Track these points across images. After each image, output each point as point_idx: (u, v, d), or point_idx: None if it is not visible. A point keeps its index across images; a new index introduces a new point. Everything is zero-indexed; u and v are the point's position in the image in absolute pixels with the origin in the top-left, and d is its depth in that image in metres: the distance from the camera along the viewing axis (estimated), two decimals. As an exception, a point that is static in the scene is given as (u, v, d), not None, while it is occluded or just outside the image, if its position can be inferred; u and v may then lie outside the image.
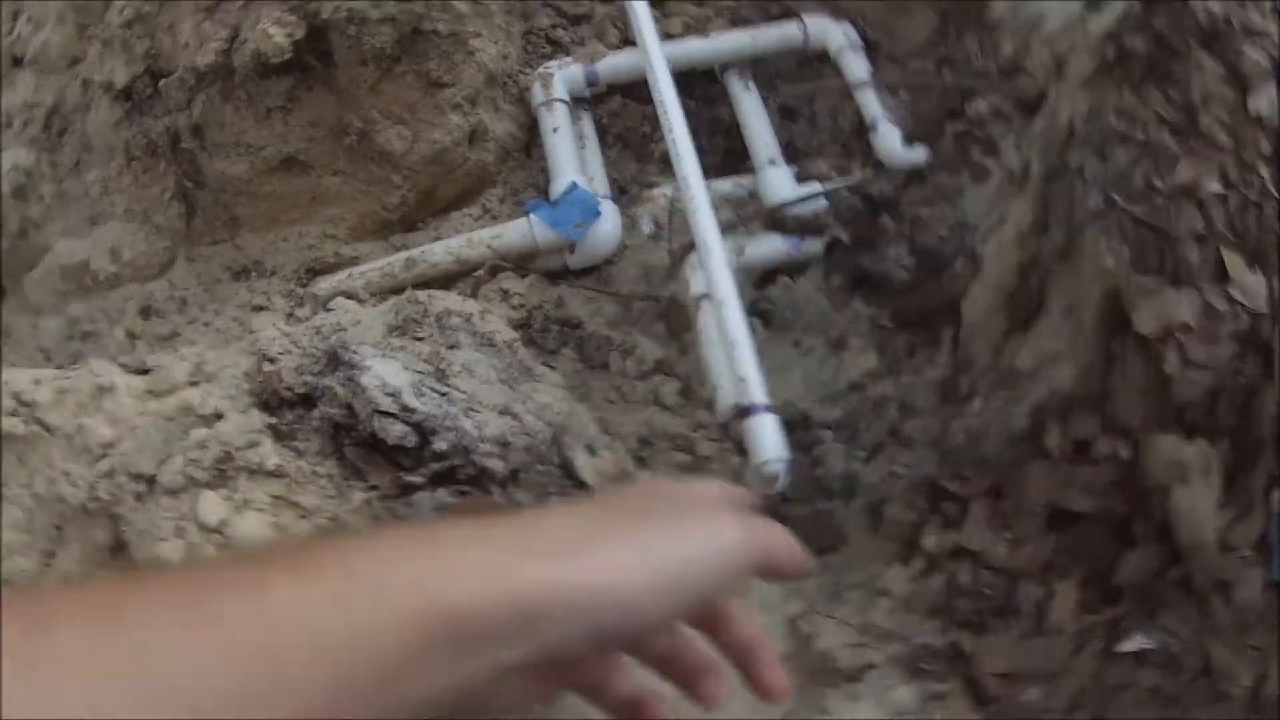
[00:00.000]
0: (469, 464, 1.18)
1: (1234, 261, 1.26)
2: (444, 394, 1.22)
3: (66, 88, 1.94)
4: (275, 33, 1.61)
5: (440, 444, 1.17)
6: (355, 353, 1.20)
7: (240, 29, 1.66)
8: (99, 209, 1.93)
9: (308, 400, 1.19)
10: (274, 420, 1.17)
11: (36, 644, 0.39)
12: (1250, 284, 1.24)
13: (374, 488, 1.16)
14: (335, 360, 1.20)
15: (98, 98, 1.88)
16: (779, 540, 0.66)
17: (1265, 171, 1.35)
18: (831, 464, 1.67)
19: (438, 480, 1.17)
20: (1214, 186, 1.31)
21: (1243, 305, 1.23)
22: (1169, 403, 1.22)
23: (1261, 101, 1.39)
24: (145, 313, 1.90)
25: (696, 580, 0.61)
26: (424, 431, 1.18)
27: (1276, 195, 1.32)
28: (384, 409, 1.15)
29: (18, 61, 1.99)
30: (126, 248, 1.90)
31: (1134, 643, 1.21)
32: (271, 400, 1.19)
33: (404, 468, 1.17)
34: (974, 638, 1.31)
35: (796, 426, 1.70)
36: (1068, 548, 1.29)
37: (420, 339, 1.31)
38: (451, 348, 1.30)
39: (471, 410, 1.22)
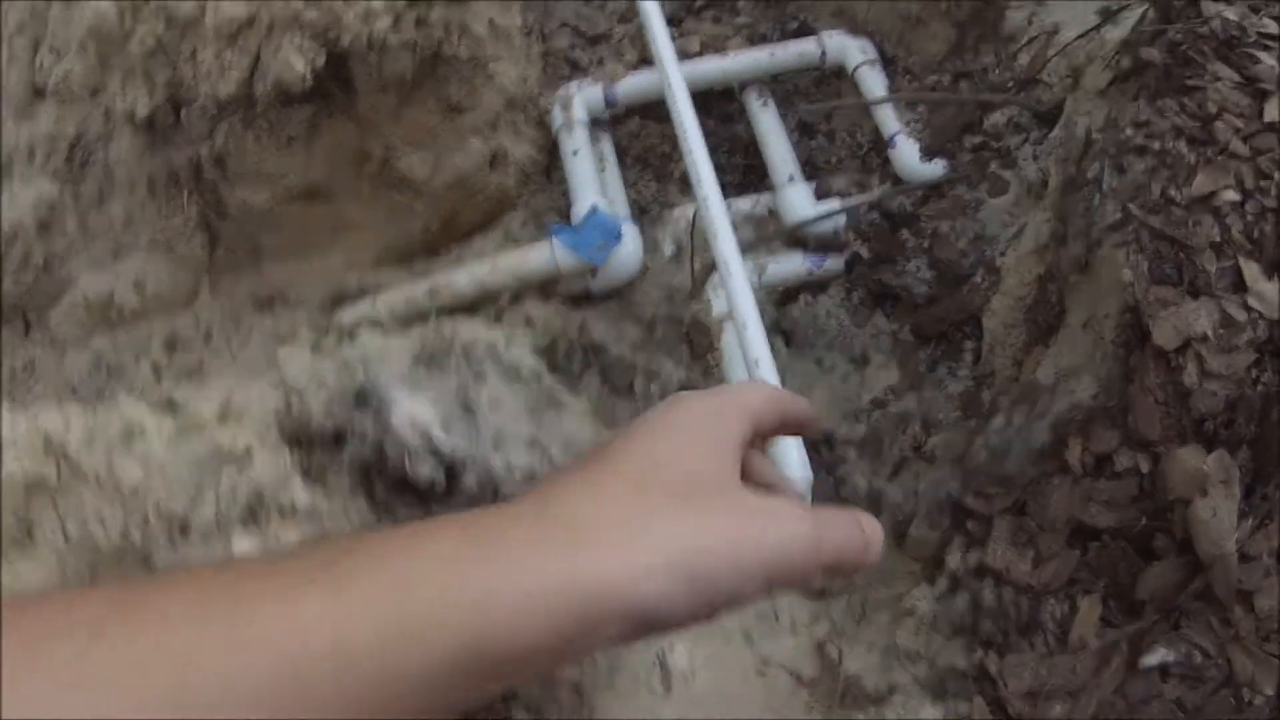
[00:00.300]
0: (498, 499, 1.20)
1: (1251, 270, 1.27)
2: (472, 429, 1.24)
3: (88, 118, 1.95)
4: (296, 61, 1.62)
5: (469, 480, 1.19)
6: (383, 390, 1.22)
7: (261, 57, 1.67)
8: (122, 241, 1.95)
9: (337, 438, 1.20)
10: (304, 458, 1.18)
11: (42, 641, 0.39)
12: (1267, 292, 1.24)
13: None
14: (364, 398, 1.21)
15: (120, 128, 1.89)
16: (852, 543, 0.59)
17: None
18: (856, 482, 1.68)
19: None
20: (1231, 196, 1.32)
21: (1260, 314, 1.24)
22: (1188, 414, 1.23)
23: (1277, 109, 1.39)
24: (171, 345, 1.92)
25: (748, 584, 0.54)
26: (453, 468, 1.20)
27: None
28: (413, 447, 1.17)
29: (39, 92, 2.00)
30: (150, 280, 1.92)
31: (1156, 656, 1.21)
32: (301, 438, 1.20)
33: (434, 505, 1.19)
34: (998, 657, 1.32)
35: (821, 445, 1.72)
36: (1090, 563, 1.29)
37: (446, 372, 1.33)
38: (478, 380, 1.32)
39: (499, 444, 1.23)
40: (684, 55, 2.03)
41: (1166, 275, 1.29)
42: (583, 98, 1.99)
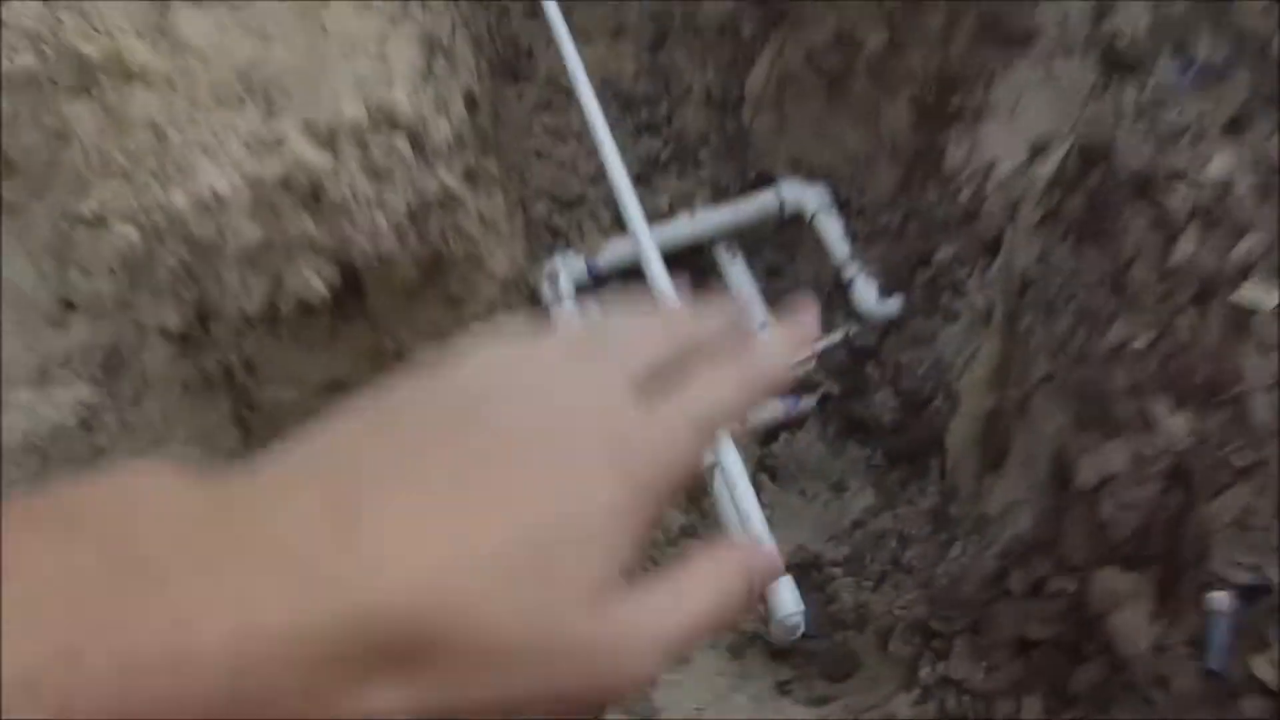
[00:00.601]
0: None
1: (1160, 408, 1.46)
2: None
3: (121, 330, 2.14)
4: (314, 280, 1.82)
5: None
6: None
7: (282, 277, 1.88)
8: (161, 435, 2.13)
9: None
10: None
11: None
12: (1174, 427, 1.44)
13: None
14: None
15: (152, 338, 2.08)
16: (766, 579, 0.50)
17: (1191, 315, 1.55)
18: (843, 598, 1.87)
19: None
20: (1143, 341, 1.52)
21: (1168, 446, 1.44)
22: (1106, 542, 1.43)
23: (1186, 246, 1.59)
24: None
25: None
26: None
27: (1199, 336, 1.52)
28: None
29: (71, 305, 2.19)
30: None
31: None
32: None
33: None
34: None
35: (810, 567, 1.91)
36: (1032, 669, 1.49)
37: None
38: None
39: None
40: (655, 214, 2.23)
41: (1088, 422, 1.49)
42: (567, 271, 2.19)
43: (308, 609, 0.36)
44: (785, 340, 0.55)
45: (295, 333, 1.94)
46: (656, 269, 1.98)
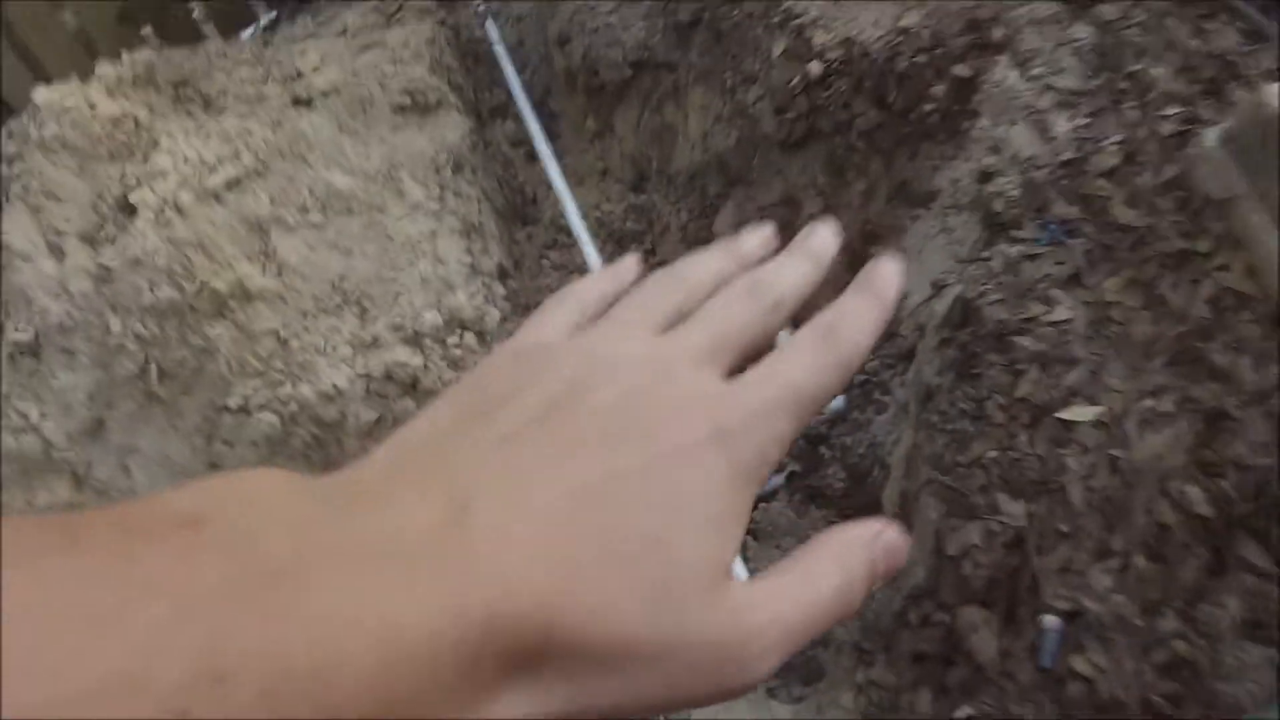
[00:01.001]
0: None
1: (1004, 499, 2.18)
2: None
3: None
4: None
5: None
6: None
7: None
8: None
9: None
10: None
11: None
12: (1014, 510, 2.16)
13: None
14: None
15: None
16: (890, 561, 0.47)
17: (1028, 432, 2.27)
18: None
19: None
20: (993, 453, 2.24)
21: (1009, 524, 2.16)
22: (968, 590, 2.15)
23: (1027, 385, 2.31)
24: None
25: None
26: None
27: (1033, 446, 2.24)
28: None
29: (216, 467, 2.77)
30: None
31: (964, 711, 2.13)
32: None
33: None
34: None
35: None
36: (923, 673, 2.21)
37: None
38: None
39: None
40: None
41: (955, 511, 2.21)
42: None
43: (442, 612, 0.34)
44: (867, 309, 0.52)
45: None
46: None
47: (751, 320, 0.50)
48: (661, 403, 0.44)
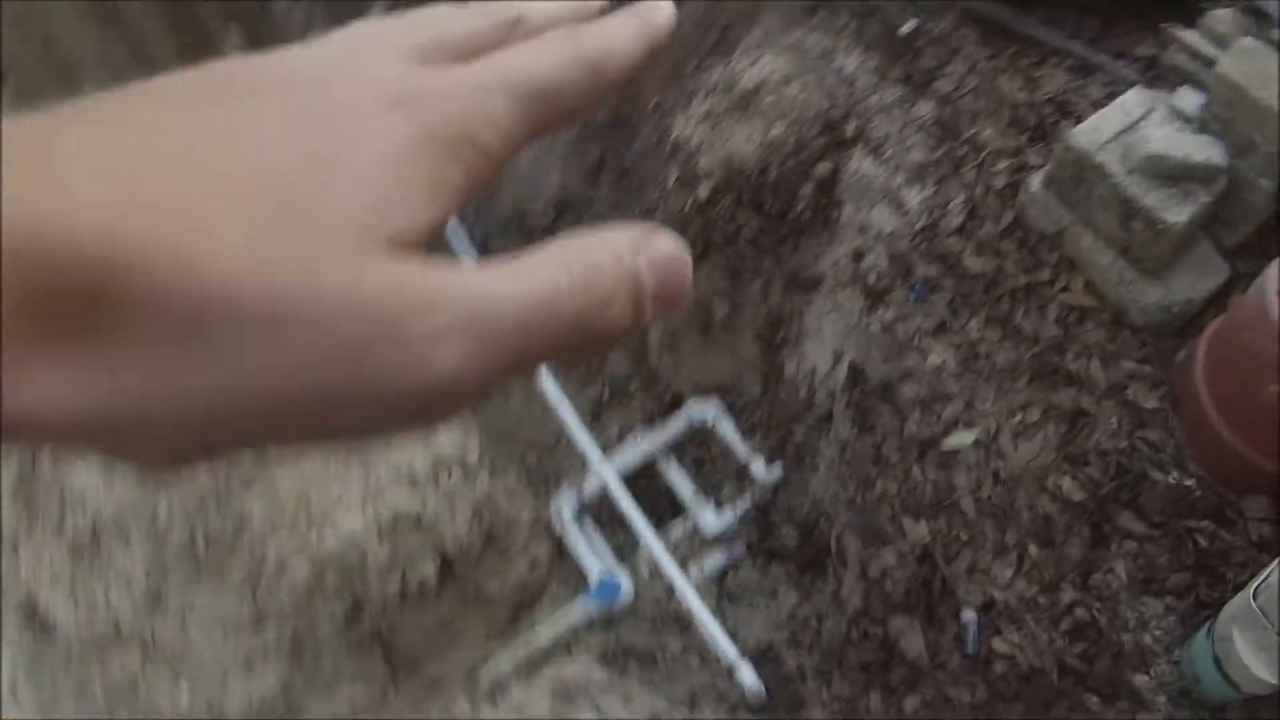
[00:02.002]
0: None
1: (909, 523, 2.61)
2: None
3: (299, 621, 3.24)
4: (428, 568, 2.98)
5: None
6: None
7: (406, 570, 3.02)
8: (332, 679, 3.24)
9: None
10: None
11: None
12: (919, 531, 2.59)
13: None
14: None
15: (323, 620, 3.21)
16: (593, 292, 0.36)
17: (919, 464, 2.70)
18: (788, 663, 2.99)
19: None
20: (893, 487, 2.67)
21: (917, 542, 2.59)
22: (892, 602, 2.58)
23: (913, 426, 2.75)
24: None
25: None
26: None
27: (925, 475, 2.68)
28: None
29: (262, 615, 3.27)
30: (354, 696, 3.25)
31: (911, 702, 2.54)
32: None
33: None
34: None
35: (766, 649, 3.04)
36: (871, 679, 2.64)
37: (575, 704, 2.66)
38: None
39: None
40: (609, 441, 3.39)
41: (870, 540, 2.64)
42: (567, 506, 3.31)
43: None
44: (630, 23, 0.44)
45: (418, 602, 3.07)
46: (621, 497, 3.14)
47: (565, 79, 0.40)
48: (341, 68, 0.37)
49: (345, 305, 0.31)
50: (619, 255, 0.37)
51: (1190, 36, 2.85)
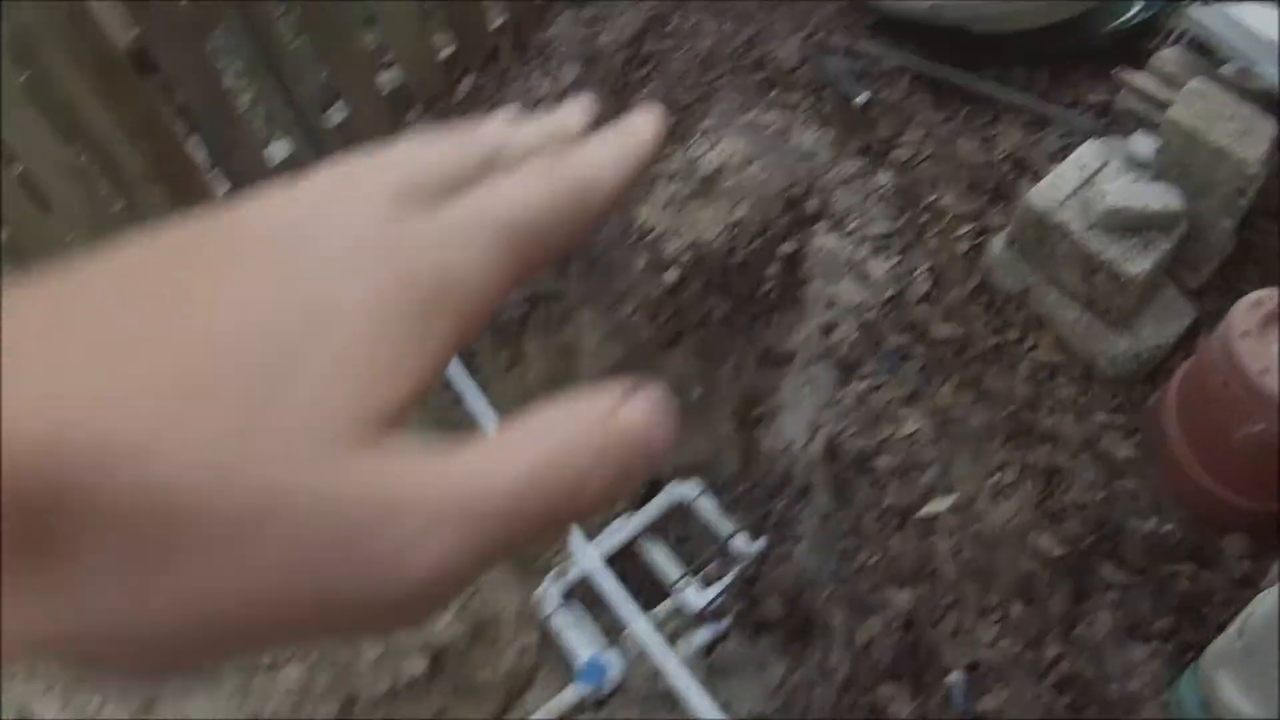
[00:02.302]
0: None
1: (892, 592, 2.64)
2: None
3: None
4: (418, 667, 3.00)
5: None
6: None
7: (397, 674, 3.04)
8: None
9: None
10: None
11: None
12: (901, 599, 2.62)
13: None
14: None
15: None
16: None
17: (899, 534, 2.73)
18: (785, 738, 3.01)
19: None
20: (874, 558, 2.71)
21: (900, 609, 2.61)
22: (877, 670, 2.60)
23: (890, 496, 2.78)
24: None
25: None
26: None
27: (905, 545, 2.71)
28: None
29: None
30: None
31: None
32: None
33: None
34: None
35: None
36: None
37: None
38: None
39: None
40: (592, 527, 3.42)
41: (856, 611, 2.67)
42: (553, 592, 3.33)
43: None
44: (614, 143, 0.43)
45: (408, 695, 3.08)
46: (606, 583, 3.16)
47: (549, 210, 0.39)
48: (306, 226, 0.35)
49: (317, 514, 0.30)
50: (596, 425, 0.36)
51: (1140, 79, 2.93)
